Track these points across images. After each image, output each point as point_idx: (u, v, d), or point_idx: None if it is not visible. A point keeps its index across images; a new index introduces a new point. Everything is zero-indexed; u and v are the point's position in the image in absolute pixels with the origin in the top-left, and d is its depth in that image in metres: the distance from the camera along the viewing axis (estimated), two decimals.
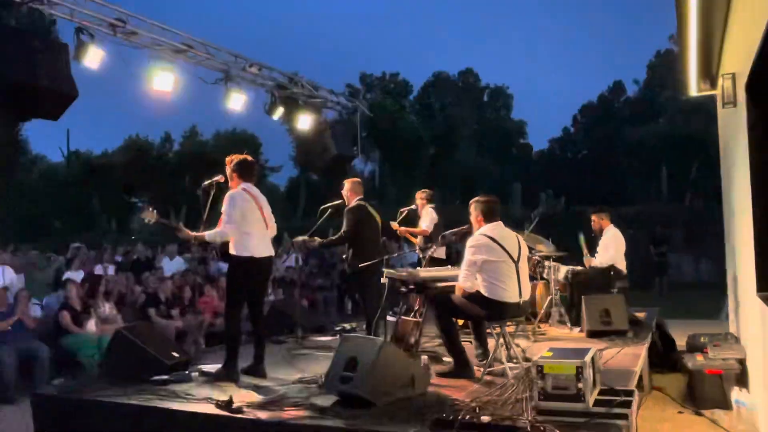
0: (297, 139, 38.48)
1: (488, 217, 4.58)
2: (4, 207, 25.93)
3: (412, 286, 4.92)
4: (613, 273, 7.04)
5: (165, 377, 4.72)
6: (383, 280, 5.04)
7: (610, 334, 5.89)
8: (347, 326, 7.31)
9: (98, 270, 10.44)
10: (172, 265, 11.70)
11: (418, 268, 5.51)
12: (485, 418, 3.29)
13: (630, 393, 3.58)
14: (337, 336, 6.76)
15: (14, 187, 27.73)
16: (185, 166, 40.05)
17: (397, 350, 4.10)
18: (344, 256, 6.42)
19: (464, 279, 4.41)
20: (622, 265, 7.13)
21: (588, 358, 3.40)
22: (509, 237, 4.55)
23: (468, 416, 3.31)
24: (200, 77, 7.18)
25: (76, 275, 9.38)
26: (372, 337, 4.16)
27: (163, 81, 6.39)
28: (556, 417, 3.24)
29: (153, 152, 41.15)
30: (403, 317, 5.10)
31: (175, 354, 5.05)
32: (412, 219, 7.40)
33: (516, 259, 4.46)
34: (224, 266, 11.43)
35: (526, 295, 4.65)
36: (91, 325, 7.64)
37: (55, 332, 7.57)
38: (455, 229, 5.79)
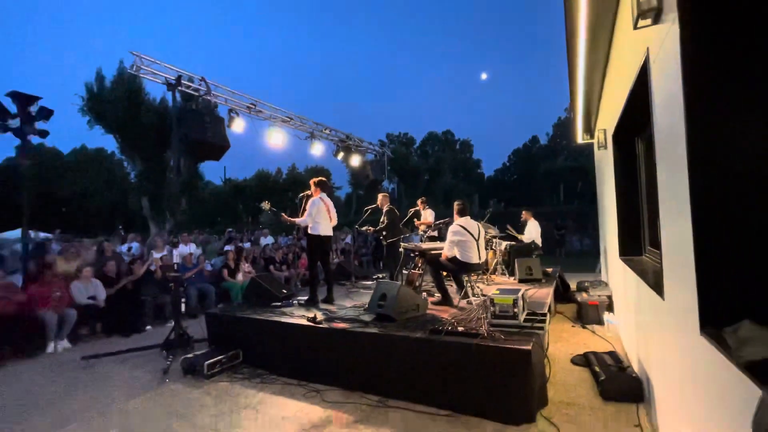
0: (351, 171, 38.78)
1: (461, 213, 4.50)
2: (191, 212, 26.54)
3: (417, 253, 4.86)
4: (533, 246, 6.89)
5: (279, 303, 4.75)
6: (401, 249, 5.03)
7: (532, 281, 5.72)
8: (380, 276, 7.26)
9: (241, 245, 10.58)
10: (266, 240, 11.88)
11: (420, 242, 5.45)
12: (460, 328, 3.24)
13: (544, 315, 3.48)
14: (375, 281, 6.74)
15: (196, 200, 28.30)
16: (289, 187, 40.49)
17: (409, 289, 4.05)
18: (380, 237, 6.41)
19: (447, 250, 4.36)
20: (539, 241, 7.02)
21: (519, 295, 3.32)
22: (473, 225, 4.46)
23: (450, 327, 3.26)
24: (297, 135, 7.18)
25: (230, 248, 9.51)
26: (394, 281, 4.11)
27: (276, 138, 6.42)
28: (502, 328, 3.17)
29: (271, 179, 41.63)
30: (412, 271, 5.04)
31: (284, 291, 5.06)
32: (415, 215, 7.34)
33: (476, 238, 4.37)
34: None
35: (483, 259, 4.55)
36: (239, 276, 7.73)
37: (218, 279, 7.69)
38: (442, 220, 5.77)
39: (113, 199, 40.27)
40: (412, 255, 5.03)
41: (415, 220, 7.15)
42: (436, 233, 6.49)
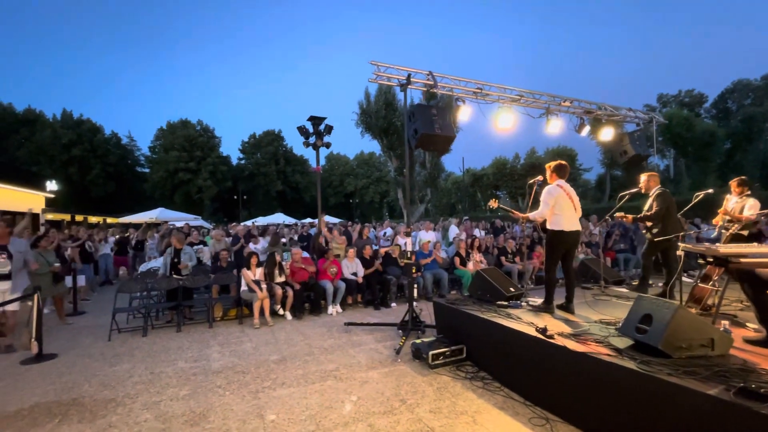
0: (603, 147, 32.81)
1: None
2: (434, 201, 29.50)
3: (710, 259, 3.25)
4: None
5: (505, 303, 4.32)
6: (679, 252, 3.48)
7: None
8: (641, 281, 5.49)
9: (475, 232, 10.62)
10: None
11: (717, 244, 3.61)
12: None
13: None
14: (633, 289, 5.17)
15: (437, 190, 31.08)
16: (527, 172, 38.44)
17: (692, 313, 2.73)
18: (644, 230, 4.76)
19: None
20: None
21: None
22: None
23: None
24: (529, 114, 6.36)
25: (462, 235, 9.71)
26: (666, 300, 2.86)
27: (505, 120, 5.89)
28: None
29: (508, 165, 40.64)
30: (700, 285, 3.45)
31: (512, 289, 4.58)
32: (703, 202, 5.01)
33: None
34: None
35: None
36: (470, 265, 7.75)
37: (451, 266, 7.96)
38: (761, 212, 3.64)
39: (380, 191, 50.09)
40: (701, 261, 3.42)
41: (721, 210, 4.80)
42: (745, 232, 4.21)
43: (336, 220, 22.43)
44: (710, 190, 4.95)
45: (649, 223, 4.58)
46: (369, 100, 22.37)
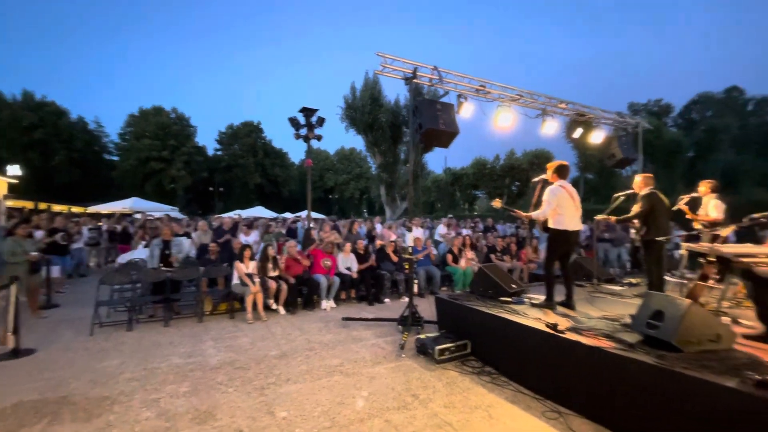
0: (579, 151, 33.85)
1: None
2: (417, 199, 29.62)
3: (712, 258, 3.37)
4: None
5: (508, 299, 4.37)
6: (682, 252, 3.62)
7: None
8: (633, 281, 5.71)
9: (462, 231, 10.73)
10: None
11: (715, 244, 3.75)
12: None
13: None
14: (625, 287, 5.37)
15: (420, 188, 31.21)
16: (505, 172, 39.24)
17: (703, 309, 2.84)
18: (634, 231, 4.86)
19: None
20: None
21: None
22: None
23: None
24: (526, 114, 6.44)
25: (450, 233, 9.79)
26: (678, 297, 2.95)
27: (504, 119, 5.95)
28: None
29: (488, 165, 41.27)
30: (697, 283, 3.59)
31: (513, 285, 4.63)
32: (692, 205, 5.22)
33: None
34: (538, 233, 10.51)
35: None
36: (462, 262, 7.82)
37: (442, 263, 8.01)
38: (759, 214, 3.78)
39: (360, 187, 49.84)
40: (701, 261, 3.55)
41: (688, 212, 5.00)
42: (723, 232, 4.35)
43: (321, 216, 22.08)
44: (695, 194, 5.15)
45: (636, 223, 4.70)
46: (355, 95, 22.16)
